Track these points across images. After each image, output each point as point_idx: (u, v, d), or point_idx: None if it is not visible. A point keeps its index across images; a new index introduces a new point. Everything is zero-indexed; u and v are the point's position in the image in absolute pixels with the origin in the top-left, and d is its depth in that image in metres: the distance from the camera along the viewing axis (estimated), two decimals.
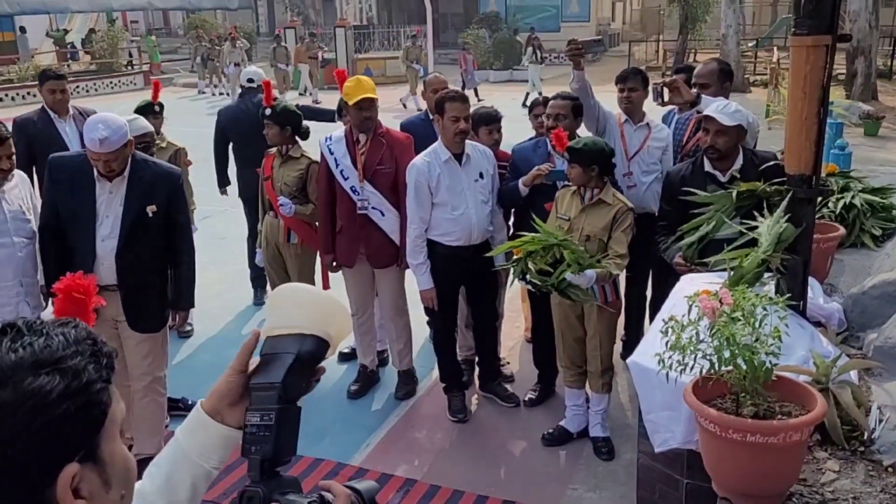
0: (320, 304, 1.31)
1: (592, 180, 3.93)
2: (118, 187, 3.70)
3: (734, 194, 3.39)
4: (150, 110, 5.59)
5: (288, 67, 21.01)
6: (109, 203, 3.71)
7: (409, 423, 4.71)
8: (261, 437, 1.18)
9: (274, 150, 5.03)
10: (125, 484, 0.89)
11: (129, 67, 26.56)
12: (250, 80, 6.44)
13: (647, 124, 4.67)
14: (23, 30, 26.41)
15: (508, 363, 5.22)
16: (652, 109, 4.82)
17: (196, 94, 23.03)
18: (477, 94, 18.45)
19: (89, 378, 0.83)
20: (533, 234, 3.87)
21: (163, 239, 3.86)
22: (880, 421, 2.53)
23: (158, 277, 3.95)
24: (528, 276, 3.81)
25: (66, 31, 27.44)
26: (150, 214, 3.75)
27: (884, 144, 12.09)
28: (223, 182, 6.43)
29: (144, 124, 4.72)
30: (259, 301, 6.47)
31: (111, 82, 24.10)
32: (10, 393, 0.77)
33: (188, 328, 5.85)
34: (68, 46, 26.96)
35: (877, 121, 12.90)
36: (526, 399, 4.77)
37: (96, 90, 23.01)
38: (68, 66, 24.25)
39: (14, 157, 3.79)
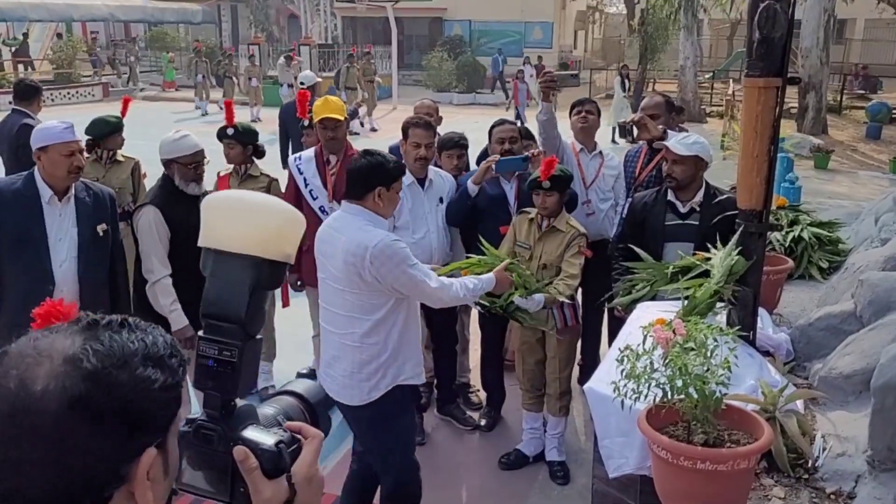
0: (275, 218, 1.17)
1: (560, 208, 4.00)
2: (66, 208, 3.55)
3: (668, 270, 3.45)
4: (117, 127, 5.56)
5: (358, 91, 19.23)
6: (60, 225, 3.54)
7: None
8: (220, 372, 1.12)
9: (226, 170, 5.01)
10: (174, 474, 0.99)
11: (95, 78, 26.18)
12: (302, 83, 8.09)
13: (601, 153, 4.80)
14: None
15: (479, 390, 5.14)
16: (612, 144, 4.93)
17: (193, 109, 21.58)
18: (523, 124, 17.63)
19: (178, 378, 0.95)
20: (480, 256, 3.89)
21: (108, 260, 3.75)
22: (824, 449, 2.63)
23: (107, 300, 3.78)
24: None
25: (25, 38, 26.93)
26: (101, 233, 3.64)
27: (833, 177, 12.52)
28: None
29: (193, 142, 4.04)
30: None
31: (69, 93, 23.71)
32: (126, 375, 0.89)
33: None
34: (27, 55, 26.47)
35: (826, 154, 13.34)
36: (482, 423, 4.80)
37: (53, 100, 22.60)
38: (25, 74, 23.80)
39: None
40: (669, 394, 2.24)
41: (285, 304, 5.16)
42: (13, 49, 26.06)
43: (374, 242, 2.96)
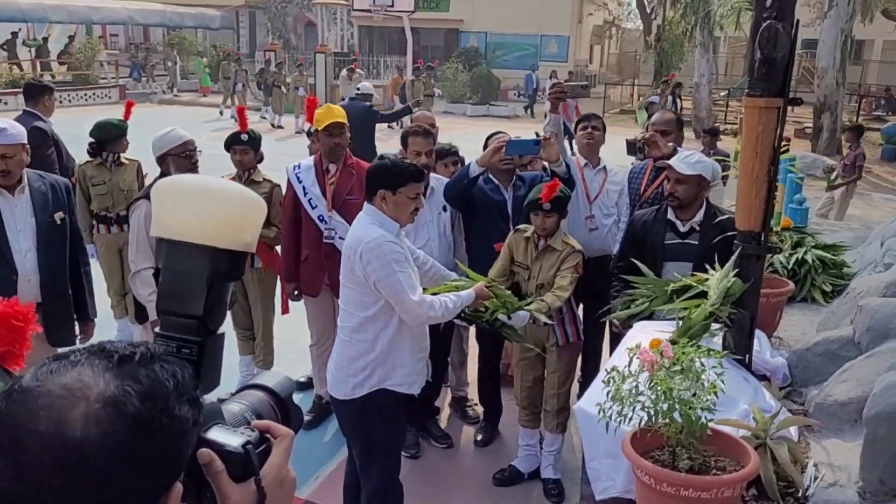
0: (231, 203, 1.10)
1: (557, 228, 3.97)
2: (20, 199, 3.65)
3: (668, 287, 3.42)
4: (122, 131, 5.60)
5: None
6: (17, 216, 3.64)
7: None
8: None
9: (228, 175, 5.03)
10: None
11: (134, 84, 26.45)
12: (358, 90, 10.29)
13: (604, 168, 4.77)
14: None
15: (476, 404, 5.10)
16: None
17: (219, 116, 21.21)
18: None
19: (202, 409, 0.94)
20: (460, 280, 3.80)
21: (67, 248, 3.86)
22: (815, 478, 2.57)
23: (68, 288, 3.90)
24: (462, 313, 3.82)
25: (46, 41, 27.22)
26: (59, 221, 3.74)
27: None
28: None
29: (182, 133, 4.32)
30: None
31: (86, 94, 23.94)
32: (167, 419, 0.86)
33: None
34: (48, 56, 26.74)
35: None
36: (478, 438, 4.77)
37: (70, 101, 22.81)
38: (42, 75, 24.04)
39: None
40: (654, 418, 2.20)
41: (285, 311, 5.15)
42: (32, 50, 26.33)
43: (367, 239, 3.04)
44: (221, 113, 21.39)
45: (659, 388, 2.13)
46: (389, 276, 3.02)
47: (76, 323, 4.00)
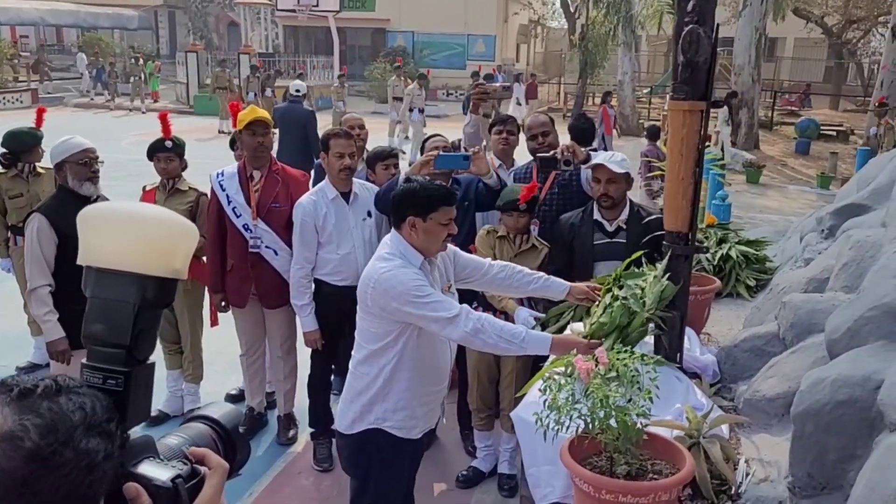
0: (159, 230, 1.08)
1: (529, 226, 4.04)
2: None
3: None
4: (38, 140, 5.34)
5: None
6: None
7: (295, 469, 4.57)
8: None
9: (152, 185, 4.85)
10: None
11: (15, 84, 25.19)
12: (297, 91, 9.87)
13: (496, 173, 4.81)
14: None
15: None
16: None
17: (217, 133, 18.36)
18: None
19: (117, 442, 0.90)
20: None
21: None
22: (747, 475, 2.63)
23: None
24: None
25: None
26: None
27: (764, 191, 12.87)
28: None
29: (82, 140, 4.06)
30: None
31: None
32: (71, 452, 0.82)
33: None
34: None
35: (758, 169, 13.71)
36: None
37: None
38: None
39: None
40: (591, 425, 2.20)
41: (214, 323, 4.99)
42: None
43: (385, 269, 2.80)
44: (220, 131, 18.48)
45: (595, 395, 2.13)
46: (408, 304, 2.76)
47: None
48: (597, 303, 3.11)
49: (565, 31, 32.07)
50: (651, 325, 3.09)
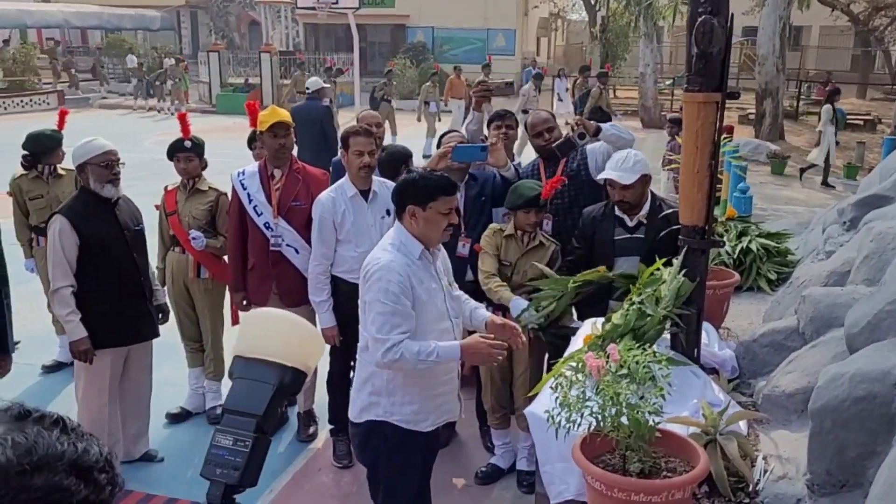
0: (300, 334, 1.37)
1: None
2: None
3: (570, 283, 3.50)
4: (58, 142, 5.40)
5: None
6: None
7: (315, 465, 4.59)
8: (229, 461, 1.21)
9: (173, 185, 4.89)
10: None
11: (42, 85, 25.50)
12: (307, 89, 9.62)
13: (520, 164, 4.79)
14: None
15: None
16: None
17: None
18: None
19: (104, 497, 0.87)
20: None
21: None
22: (765, 472, 2.59)
23: None
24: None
25: None
26: None
27: (789, 183, 12.67)
28: None
29: (104, 142, 4.10)
30: None
31: (22, 101, 23.16)
32: (42, 480, 0.80)
33: None
34: None
35: (783, 160, 13.51)
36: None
37: (5, 108, 22.08)
38: None
39: None
40: (602, 423, 2.18)
41: (235, 322, 5.02)
42: None
43: (381, 262, 2.86)
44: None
45: (606, 393, 2.11)
46: (372, 302, 2.82)
47: None
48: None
49: (586, 23, 31.85)
50: (668, 322, 3.06)
